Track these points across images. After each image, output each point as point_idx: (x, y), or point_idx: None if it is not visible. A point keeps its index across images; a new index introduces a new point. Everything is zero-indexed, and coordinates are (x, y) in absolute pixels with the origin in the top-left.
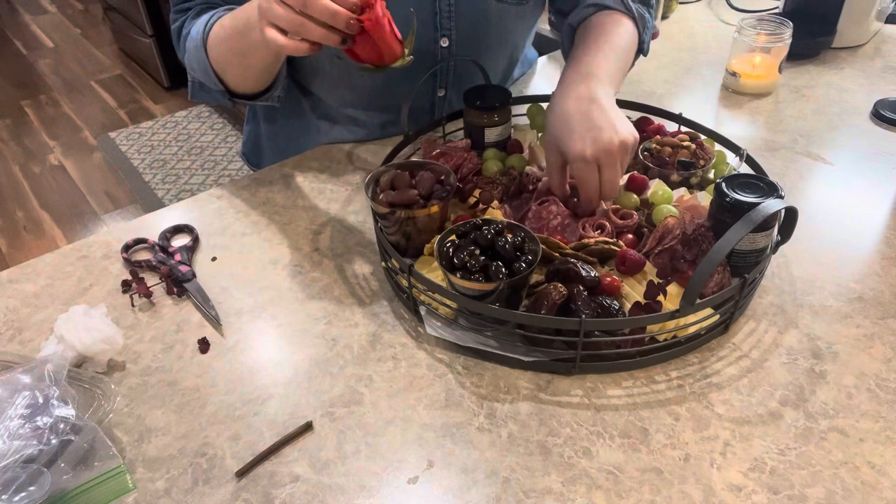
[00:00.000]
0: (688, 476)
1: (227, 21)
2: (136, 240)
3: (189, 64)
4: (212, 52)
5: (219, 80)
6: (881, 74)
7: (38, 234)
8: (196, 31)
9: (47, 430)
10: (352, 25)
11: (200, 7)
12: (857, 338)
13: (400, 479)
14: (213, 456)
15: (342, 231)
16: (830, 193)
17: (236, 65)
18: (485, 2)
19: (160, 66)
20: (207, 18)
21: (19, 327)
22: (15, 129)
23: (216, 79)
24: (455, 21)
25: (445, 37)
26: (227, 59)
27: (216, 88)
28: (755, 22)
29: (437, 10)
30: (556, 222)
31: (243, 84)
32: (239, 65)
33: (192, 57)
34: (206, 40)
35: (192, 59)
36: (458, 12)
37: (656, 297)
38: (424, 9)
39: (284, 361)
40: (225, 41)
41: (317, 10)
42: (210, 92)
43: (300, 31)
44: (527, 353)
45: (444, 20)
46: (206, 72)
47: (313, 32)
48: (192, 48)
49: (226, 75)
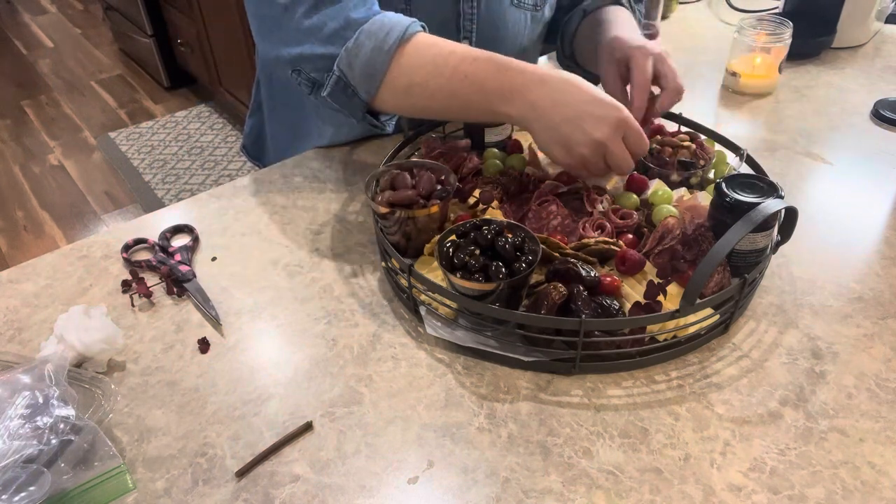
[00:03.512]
0: (688, 476)
1: (474, 54)
2: (136, 240)
3: (349, 55)
4: (416, 66)
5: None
6: (881, 74)
7: (38, 234)
8: (384, 26)
9: (47, 430)
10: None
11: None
12: (857, 338)
13: (400, 479)
14: (213, 456)
15: (342, 231)
16: (830, 193)
17: (456, 97)
18: (503, 6)
19: (160, 66)
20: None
21: (19, 327)
22: (15, 129)
23: (377, 87)
24: (476, 23)
25: (466, 39)
26: (445, 86)
27: (366, 96)
28: (755, 22)
29: (461, 12)
30: (556, 222)
31: (414, 107)
32: (458, 98)
33: (361, 52)
34: (402, 47)
35: (359, 53)
36: (479, 15)
37: (656, 297)
38: (448, 10)
39: (284, 361)
40: (462, 73)
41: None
42: (351, 98)
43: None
44: (527, 353)
45: (466, 22)
46: (370, 76)
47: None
48: (372, 44)
49: (409, 93)
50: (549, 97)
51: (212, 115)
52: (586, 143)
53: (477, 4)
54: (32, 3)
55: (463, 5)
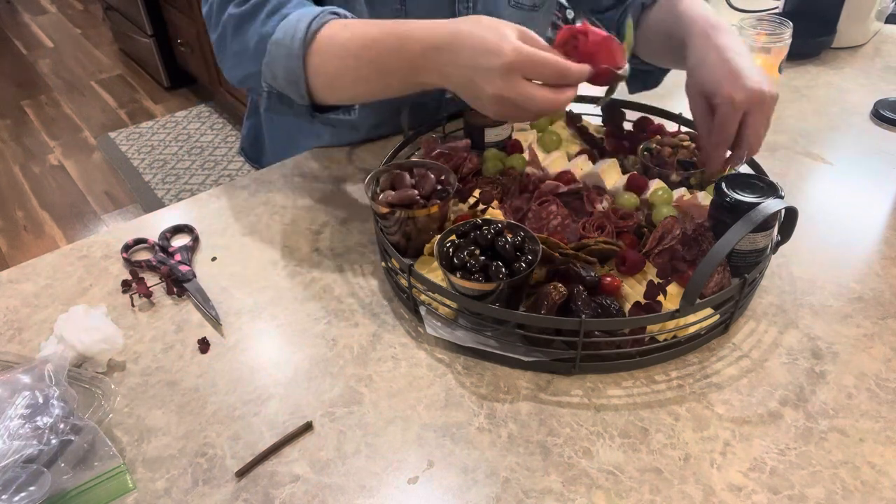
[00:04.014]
0: (688, 476)
1: (373, 33)
2: (136, 240)
3: (269, 69)
4: (325, 61)
5: (307, 92)
6: (881, 74)
7: (38, 234)
8: (287, 32)
9: (47, 430)
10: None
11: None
12: (857, 338)
13: (400, 479)
14: (213, 456)
15: (342, 231)
16: (830, 193)
17: (373, 82)
18: (499, 7)
19: (160, 66)
20: (309, 20)
21: (19, 327)
22: (15, 129)
23: (305, 90)
24: None
25: None
26: (359, 75)
27: (302, 101)
28: (755, 22)
29: (457, 13)
30: (556, 222)
31: (354, 97)
32: (376, 82)
33: (276, 63)
34: (309, 46)
35: (276, 64)
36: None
37: (656, 297)
38: (444, 11)
39: (284, 361)
40: (366, 59)
41: (575, 78)
42: (291, 105)
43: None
44: (527, 353)
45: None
46: (294, 82)
47: (570, 100)
48: (283, 54)
49: (332, 86)
50: (447, 61)
51: (212, 115)
52: (489, 100)
53: (473, 5)
54: (32, 3)
55: (458, 6)
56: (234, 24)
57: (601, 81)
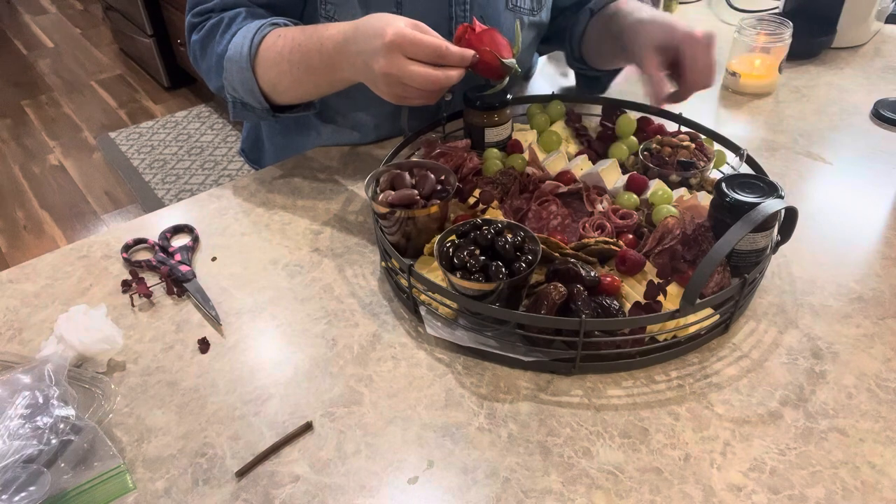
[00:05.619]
0: (688, 476)
1: (299, 38)
2: (136, 240)
3: (229, 83)
4: (267, 69)
5: (264, 98)
6: (881, 74)
7: (38, 234)
8: (237, 48)
9: (47, 430)
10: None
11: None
12: (857, 338)
13: (400, 479)
14: (213, 456)
15: (342, 231)
16: (830, 193)
17: (305, 82)
18: (497, 10)
19: (160, 66)
20: (252, 34)
21: (19, 327)
22: (15, 129)
23: (262, 97)
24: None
25: None
26: (293, 77)
27: (261, 107)
28: (755, 22)
29: (453, 16)
30: (556, 222)
31: (295, 98)
32: (307, 82)
33: (233, 76)
34: (255, 58)
35: (232, 78)
36: (471, 19)
37: (656, 297)
38: (439, 12)
39: (284, 361)
40: (296, 62)
41: (454, 58)
42: (254, 110)
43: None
44: (527, 353)
45: (458, 25)
46: (250, 91)
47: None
48: (235, 69)
49: (276, 91)
50: (352, 51)
51: (212, 116)
52: (380, 80)
53: (469, 8)
54: (32, 3)
55: (455, 8)
56: (199, 47)
57: (491, 73)
